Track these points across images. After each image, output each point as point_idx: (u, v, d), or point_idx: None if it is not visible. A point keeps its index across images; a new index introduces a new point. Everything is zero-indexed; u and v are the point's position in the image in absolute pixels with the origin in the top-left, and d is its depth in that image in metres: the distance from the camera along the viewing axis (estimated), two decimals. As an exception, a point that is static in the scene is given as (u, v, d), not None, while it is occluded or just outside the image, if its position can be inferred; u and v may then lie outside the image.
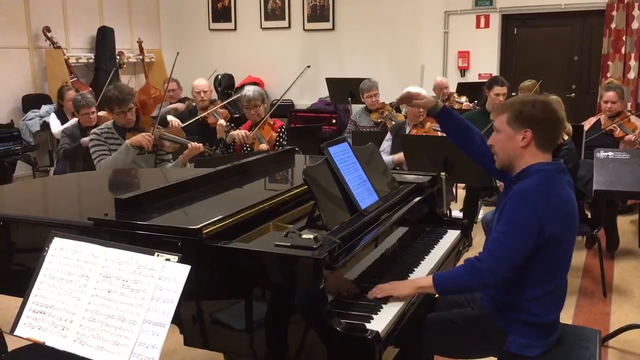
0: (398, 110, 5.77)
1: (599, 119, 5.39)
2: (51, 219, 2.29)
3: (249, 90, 4.46)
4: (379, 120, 5.50)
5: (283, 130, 4.47)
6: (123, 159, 3.63)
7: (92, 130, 3.92)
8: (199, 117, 5.54)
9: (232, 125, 5.21)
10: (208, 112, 5.57)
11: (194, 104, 6.04)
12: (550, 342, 2.11)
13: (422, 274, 2.31)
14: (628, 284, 4.12)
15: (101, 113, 5.28)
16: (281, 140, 4.41)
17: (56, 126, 6.00)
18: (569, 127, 3.97)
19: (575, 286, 4.08)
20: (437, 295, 2.22)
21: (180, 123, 5.12)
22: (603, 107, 5.25)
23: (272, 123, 4.46)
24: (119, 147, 3.74)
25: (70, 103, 5.60)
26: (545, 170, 2.00)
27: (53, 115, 6.23)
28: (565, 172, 2.07)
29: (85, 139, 4.75)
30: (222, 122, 4.88)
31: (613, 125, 5.11)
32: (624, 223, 5.29)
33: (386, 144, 4.84)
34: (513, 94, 6.80)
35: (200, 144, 3.90)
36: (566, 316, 3.57)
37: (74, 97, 5.15)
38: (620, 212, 5.36)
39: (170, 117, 5.14)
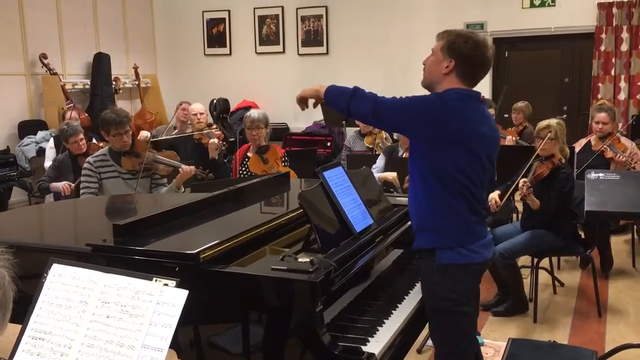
0: (395, 141, 5.80)
1: (589, 140, 5.44)
2: (49, 245, 2.30)
3: (254, 112, 4.52)
4: (371, 146, 5.55)
5: (285, 157, 4.50)
6: None
7: (87, 159, 3.97)
8: (193, 133, 5.55)
9: (225, 144, 5.25)
10: (203, 132, 5.60)
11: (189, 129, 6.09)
12: (483, 252, 2.19)
13: (417, 296, 2.33)
14: (623, 303, 4.14)
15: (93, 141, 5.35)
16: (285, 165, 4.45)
17: (50, 157, 6.01)
18: (566, 150, 4.03)
19: (570, 306, 4.10)
20: None
21: (149, 136, 5.18)
22: (594, 127, 5.30)
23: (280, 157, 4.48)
24: (113, 174, 3.84)
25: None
26: (458, 93, 2.14)
27: (51, 142, 6.18)
28: (478, 100, 2.21)
29: (54, 185, 4.79)
30: (214, 140, 4.92)
31: (604, 146, 5.17)
32: (617, 243, 5.32)
33: (380, 162, 4.89)
34: (505, 115, 6.90)
35: (193, 167, 3.95)
36: (562, 336, 3.59)
37: (60, 128, 5.15)
38: (614, 231, 5.40)
39: (143, 133, 5.22)
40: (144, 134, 5.89)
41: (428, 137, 2.11)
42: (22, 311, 1.67)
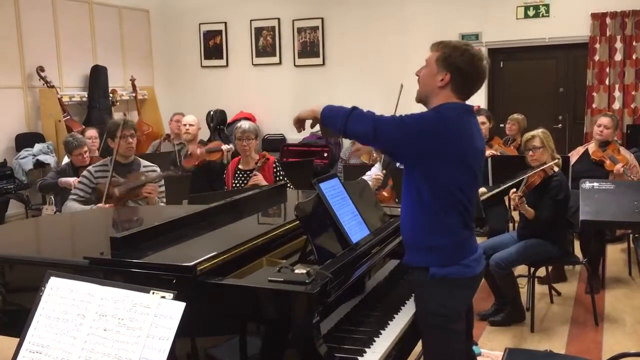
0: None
1: (587, 148, 5.45)
2: (47, 258, 2.31)
3: (245, 123, 4.59)
4: (368, 162, 5.56)
5: (278, 167, 4.50)
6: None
7: (87, 168, 4.00)
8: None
9: (231, 147, 5.35)
10: (206, 150, 5.62)
11: (179, 142, 6.11)
12: (475, 267, 2.19)
13: (414, 306, 2.34)
14: (619, 312, 4.14)
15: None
16: (278, 174, 4.45)
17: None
18: (557, 158, 4.05)
19: (567, 315, 4.10)
20: None
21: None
22: (595, 130, 5.30)
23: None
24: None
25: (90, 141, 5.59)
26: (456, 108, 2.14)
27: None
28: (472, 114, 2.21)
29: (63, 180, 4.77)
30: (226, 146, 4.92)
31: (603, 156, 5.16)
32: (614, 251, 5.34)
33: (374, 170, 4.87)
34: (501, 125, 6.93)
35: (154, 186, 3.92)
36: (559, 345, 3.59)
37: (65, 140, 5.13)
38: (610, 240, 5.41)
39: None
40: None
41: (429, 153, 2.08)
42: (19, 324, 1.68)
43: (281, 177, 4.39)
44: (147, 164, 4.14)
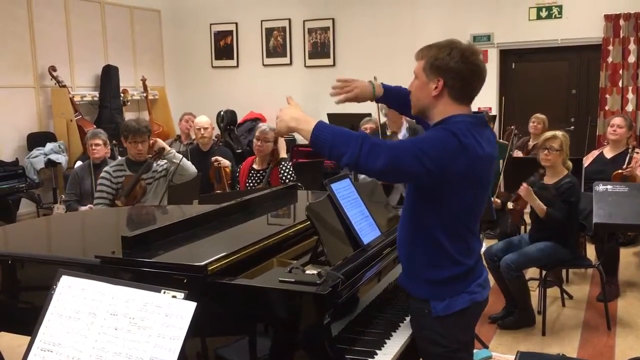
0: None
1: (602, 152, 5.39)
2: (58, 257, 2.32)
3: (265, 125, 4.77)
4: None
5: (287, 165, 4.50)
6: None
7: (105, 169, 4.07)
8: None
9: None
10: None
11: (188, 141, 6.09)
12: (481, 292, 1.99)
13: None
14: (632, 316, 4.10)
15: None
16: (286, 173, 4.45)
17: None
18: (568, 162, 4.01)
19: (580, 319, 4.06)
20: None
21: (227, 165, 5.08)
22: (609, 131, 5.25)
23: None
24: None
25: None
26: (465, 122, 1.87)
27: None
28: (487, 126, 1.96)
29: (84, 208, 4.70)
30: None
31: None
32: (626, 255, 5.29)
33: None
34: (512, 127, 6.89)
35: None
36: (571, 349, 3.56)
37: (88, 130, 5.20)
38: (623, 244, 5.36)
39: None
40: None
41: (445, 181, 1.82)
42: (31, 323, 1.68)
43: (288, 178, 4.39)
44: (159, 162, 4.16)
